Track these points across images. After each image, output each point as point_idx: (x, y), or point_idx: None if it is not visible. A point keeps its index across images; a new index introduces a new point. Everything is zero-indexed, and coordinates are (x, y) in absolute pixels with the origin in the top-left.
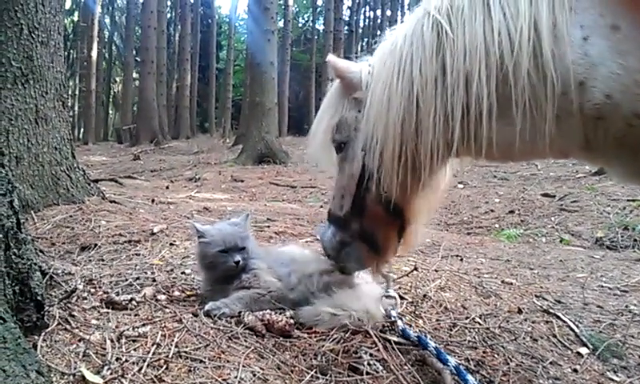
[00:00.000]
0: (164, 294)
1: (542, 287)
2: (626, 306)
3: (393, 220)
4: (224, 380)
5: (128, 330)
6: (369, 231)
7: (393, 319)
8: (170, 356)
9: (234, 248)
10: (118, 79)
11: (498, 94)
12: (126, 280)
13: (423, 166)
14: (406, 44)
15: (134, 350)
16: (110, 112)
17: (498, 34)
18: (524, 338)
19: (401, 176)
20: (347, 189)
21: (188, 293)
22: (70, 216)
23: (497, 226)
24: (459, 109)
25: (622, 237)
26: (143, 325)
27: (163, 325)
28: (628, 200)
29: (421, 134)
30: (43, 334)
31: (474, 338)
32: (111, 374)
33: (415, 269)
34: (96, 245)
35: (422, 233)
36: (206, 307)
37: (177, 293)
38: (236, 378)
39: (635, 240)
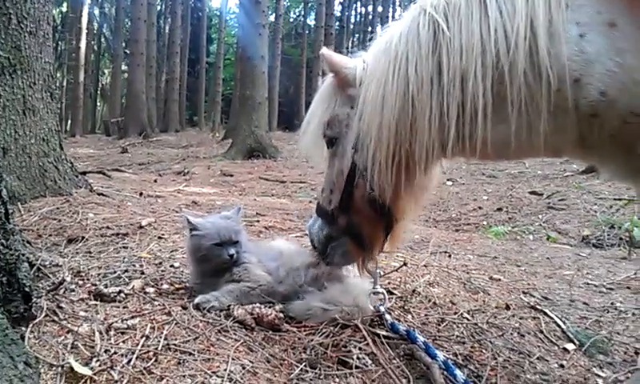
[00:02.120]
0: (153, 286)
1: (529, 284)
2: (612, 303)
3: (380, 218)
4: (213, 372)
5: (117, 322)
6: (356, 227)
7: (381, 313)
8: (159, 348)
9: (229, 241)
10: (106, 71)
11: (493, 93)
12: (115, 272)
13: (418, 165)
14: (401, 42)
15: (123, 342)
16: (98, 104)
17: (494, 32)
18: (511, 334)
19: (394, 175)
20: (336, 184)
21: (177, 286)
22: (57, 208)
23: (485, 223)
24: (455, 108)
25: (608, 235)
26: (132, 317)
27: (152, 317)
28: (614, 199)
29: (416, 133)
30: (31, 325)
31: (462, 333)
32: (100, 365)
33: (404, 264)
34: (83, 237)
35: (410, 230)
36: (196, 300)
37: (165, 286)
38: (225, 370)
39: (621, 238)
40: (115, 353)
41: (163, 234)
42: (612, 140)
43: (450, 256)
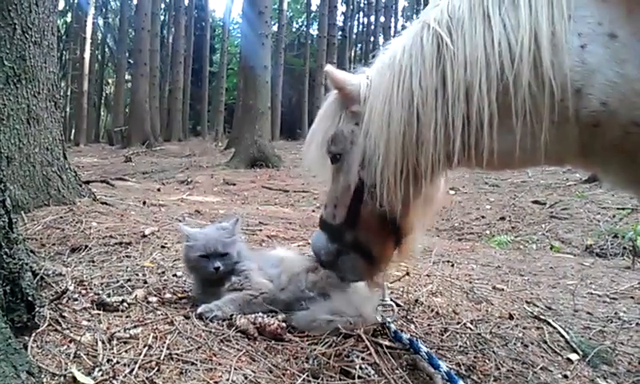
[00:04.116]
0: (155, 296)
1: (532, 293)
2: (616, 313)
3: (389, 232)
4: (215, 382)
5: (119, 331)
6: (363, 242)
7: (387, 324)
8: (161, 358)
9: (214, 254)
10: (110, 81)
11: (498, 104)
12: (117, 282)
13: (424, 177)
14: (405, 56)
15: (125, 351)
16: (102, 113)
17: (498, 44)
18: (515, 344)
19: (402, 190)
20: (341, 200)
21: (179, 295)
22: (61, 217)
23: (488, 232)
24: (460, 120)
25: (611, 244)
26: (134, 326)
27: (155, 327)
28: (618, 208)
29: (421, 146)
30: (34, 334)
31: (466, 343)
32: (102, 375)
33: (407, 274)
34: (87, 246)
35: (419, 241)
36: (199, 310)
37: (168, 295)
38: (227, 380)
39: (624, 248)
40: (118, 362)
41: (166, 243)
42: (614, 150)
43: (452, 265)
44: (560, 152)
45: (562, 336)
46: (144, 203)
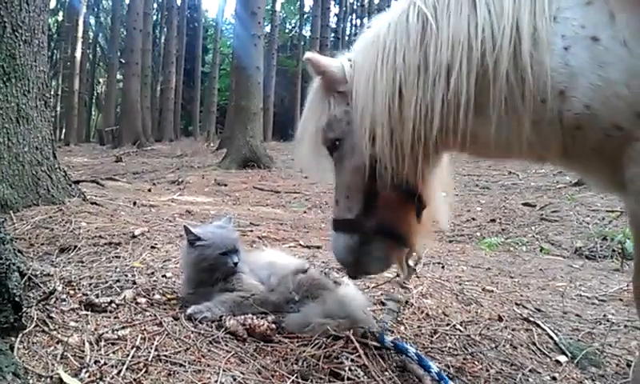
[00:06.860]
0: (144, 297)
1: (522, 295)
2: (604, 315)
3: (408, 202)
4: None
5: (107, 332)
6: (387, 222)
7: (387, 326)
8: (149, 359)
9: (233, 250)
10: (101, 80)
11: (476, 90)
12: (106, 282)
13: (409, 153)
14: (390, 33)
15: (113, 353)
16: (93, 113)
17: (481, 30)
18: (504, 346)
19: (400, 161)
20: (353, 185)
21: (169, 296)
22: (50, 217)
23: (478, 234)
24: (439, 99)
25: (600, 247)
26: (123, 328)
27: (143, 328)
28: (607, 210)
29: (403, 122)
30: (20, 335)
31: (455, 344)
32: (89, 376)
33: (397, 275)
34: (76, 246)
35: (444, 212)
36: (188, 311)
37: (157, 296)
38: (216, 382)
39: (613, 250)
40: (105, 364)
41: (156, 244)
42: (595, 152)
43: (443, 267)
44: (540, 151)
45: (551, 338)
46: (134, 203)
